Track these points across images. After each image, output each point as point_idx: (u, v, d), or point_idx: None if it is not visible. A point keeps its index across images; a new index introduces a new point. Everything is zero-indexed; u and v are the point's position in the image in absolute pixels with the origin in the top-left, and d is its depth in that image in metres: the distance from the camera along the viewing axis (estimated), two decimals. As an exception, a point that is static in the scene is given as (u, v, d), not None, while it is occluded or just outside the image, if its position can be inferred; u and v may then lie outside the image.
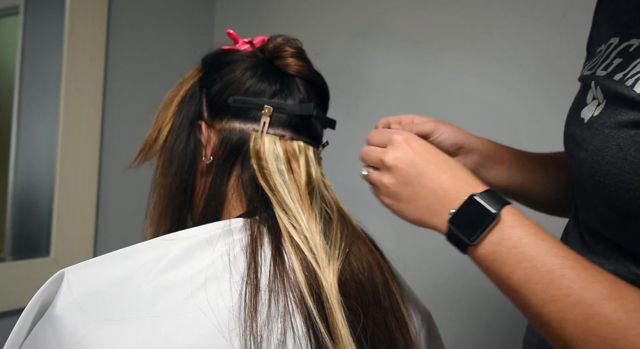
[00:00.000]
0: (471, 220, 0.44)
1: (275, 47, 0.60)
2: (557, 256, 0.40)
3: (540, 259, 0.40)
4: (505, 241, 0.43)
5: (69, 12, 1.08)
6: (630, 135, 0.43)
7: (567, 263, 0.39)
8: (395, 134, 0.52)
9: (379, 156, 0.52)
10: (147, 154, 0.63)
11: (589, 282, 0.38)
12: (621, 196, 0.44)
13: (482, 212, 0.44)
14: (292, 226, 0.51)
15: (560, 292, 0.38)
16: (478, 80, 1.08)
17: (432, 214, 0.47)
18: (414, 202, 0.48)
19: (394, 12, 1.20)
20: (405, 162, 0.49)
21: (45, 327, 0.41)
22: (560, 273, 0.39)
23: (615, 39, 0.51)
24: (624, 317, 0.35)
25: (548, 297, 0.38)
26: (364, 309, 0.50)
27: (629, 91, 0.44)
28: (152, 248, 0.47)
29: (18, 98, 1.05)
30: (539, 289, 0.39)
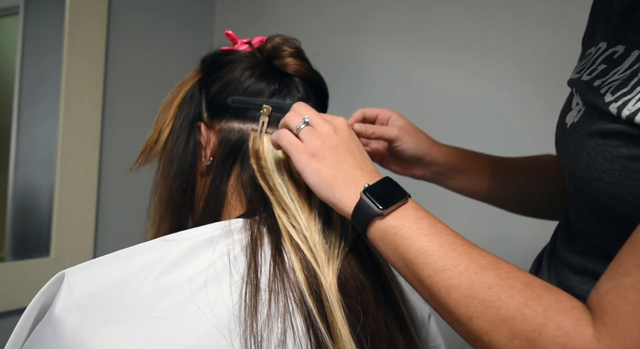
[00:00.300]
0: (384, 193, 0.47)
1: (274, 47, 0.60)
2: (449, 234, 0.45)
3: (436, 235, 0.44)
4: (408, 217, 0.46)
5: (69, 12, 1.08)
6: (598, 144, 0.44)
7: (457, 240, 0.44)
8: (340, 117, 0.54)
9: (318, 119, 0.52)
10: (147, 156, 0.63)
11: (473, 255, 0.42)
12: (593, 203, 0.46)
13: (396, 190, 0.48)
14: (292, 226, 0.51)
15: (451, 262, 0.42)
16: (477, 80, 1.08)
17: (345, 185, 0.49)
18: (334, 170, 0.49)
19: (393, 12, 1.20)
20: (343, 136, 0.52)
21: (46, 328, 0.41)
22: (451, 247, 0.43)
23: (604, 43, 0.52)
24: (499, 282, 0.39)
25: (439, 267, 0.42)
26: (363, 309, 0.50)
27: (598, 100, 0.45)
28: (153, 249, 0.47)
29: (18, 98, 1.05)
30: (432, 260, 0.43)
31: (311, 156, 0.50)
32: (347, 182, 0.49)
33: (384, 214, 0.46)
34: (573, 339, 0.35)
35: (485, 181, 0.74)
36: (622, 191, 0.42)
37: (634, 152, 0.41)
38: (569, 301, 0.37)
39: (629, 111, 0.41)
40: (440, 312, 0.43)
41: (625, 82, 0.44)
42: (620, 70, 0.46)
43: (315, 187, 0.49)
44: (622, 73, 0.45)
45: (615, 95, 0.44)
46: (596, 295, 0.36)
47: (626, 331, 0.33)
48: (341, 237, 0.53)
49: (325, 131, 0.51)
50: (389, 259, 0.47)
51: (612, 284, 0.35)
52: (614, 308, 0.34)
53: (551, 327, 0.35)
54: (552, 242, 0.63)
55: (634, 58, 0.45)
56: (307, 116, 0.52)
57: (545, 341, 0.35)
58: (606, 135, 0.44)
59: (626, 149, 0.42)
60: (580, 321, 0.35)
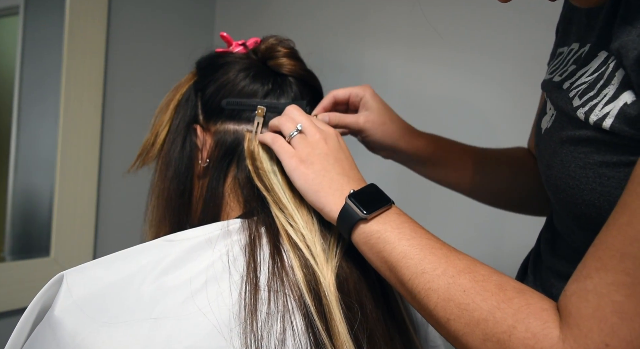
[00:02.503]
0: (369, 198, 0.49)
1: (268, 48, 0.61)
2: (429, 239, 0.46)
3: (416, 239, 0.46)
4: (390, 222, 0.47)
5: (69, 12, 1.08)
6: (570, 151, 0.44)
7: (437, 244, 0.45)
8: (332, 128, 0.56)
9: (312, 127, 0.54)
10: (145, 158, 0.63)
11: (451, 259, 0.43)
12: (571, 210, 0.46)
13: (380, 196, 0.50)
14: (289, 225, 0.51)
15: (429, 265, 0.43)
16: (476, 80, 1.08)
17: (331, 191, 0.50)
18: (321, 176, 0.51)
19: (391, 12, 1.20)
20: (332, 145, 0.54)
21: (45, 329, 0.41)
22: (430, 251, 0.44)
23: (576, 44, 0.51)
24: (474, 285, 0.40)
25: (419, 270, 0.43)
26: (361, 307, 0.50)
27: (567, 105, 0.45)
28: (152, 250, 0.47)
29: (18, 98, 1.05)
30: (412, 264, 0.44)
31: (300, 162, 0.52)
32: (333, 188, 0.50)
33: (367, 218, 0.47)
34: (540, 340, 0.35)
35: (463, 174, 0.74)
36: (598, 199, 0.42)
37: (605, 158, 0.41)
38: (539, 303, 0.38)
39: (596, 116, 0.40)
40: (422, 313, 0.44)
41: (591, 86, 0.43)
42: (588, 72, 0.45)
43: (303, 191, 0.51)
44: (589, 76, 0.44)
45: (583, 99, 0.43)
46: (563, 297, 0.37)
47: (588, 332, 0.34)
48: (339, 236, 0.53)
49: (316, 140, 0.53)
50: (373, 263, 0.48)
51: (575, 286, 0.36)
52: (576, 310, 0.35)
53: (520, 329, 0.36)
54: (537, 246, 0.63)
55: (601, 60, 0.44)
56: (301, 124, 0.54)
57: (515, 343, 0.36)
58: (577, 142, 0.43)
59: (597, 155, 0.41)
60: (547, 322, 0.36)
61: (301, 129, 0.54)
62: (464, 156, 0.74)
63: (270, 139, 0.55)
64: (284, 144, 0.53)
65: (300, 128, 0.54)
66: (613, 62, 0.41)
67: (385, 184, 0.54)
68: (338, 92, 0.65)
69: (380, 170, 1.08)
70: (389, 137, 0.67)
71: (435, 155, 0.71)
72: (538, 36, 1.01)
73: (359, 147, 0.70)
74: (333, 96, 0.65)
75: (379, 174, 1.07)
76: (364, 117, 0.65)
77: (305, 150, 0.52)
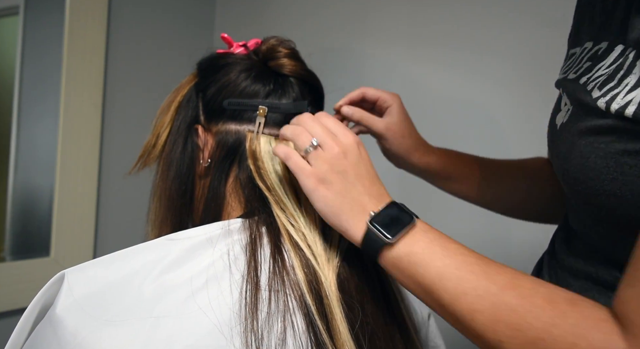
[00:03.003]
0: (391, 220, 0.46)
1: (269, 48, 0.61)
2: (463, 254, 0.43)
3: (450, 258, 0.43)
4: (420, 242, 0.45)
5: (69, 12, 1.08)
6: (589, 142, 0.44)
7: (472, 259, 0.42)
8: (351, 135, 0.51)
9: (328, 140, 0.49)
10: (146, 160, 0.63)
11: (491, 275, 0.41)
12: (590, 203, 0.45)
13: (402, 215, 0.47)
14: (290, 224, 0.51)
15: (469, 285, 0.40)
16: (476, 79, 1.08)
17: (352, 213, 0.47)
18: (341, 197, 0.48)
19: (392, 12, 1.20)
20: (352, 160, 0.49)
21: (46, 328, 0.41)
22: (467, 269, 0.41)
23: (590, 43, 0.51)
24: (521, 302, 0.38)
25: (459, 292, 0.41)
26: (362, 307, 0.50)
27: (586, 96, 0.45)
28: (153, 249, 0.47)
29: (18, 98, 1.05)
30: (450, 286, 0.41)
31: (319, 182, 0.48)
32: (354, 210, 0.47)
33: (393, 243, 0.45)
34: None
35: (475, 187, 0.74)
36: (620, 188, 0.41)
37: (627, 146, 0.40)
38: (595, 313, 0.36)
39: (617, 104, 0.40)
40: (469, 336, 0.42)
41: (611, 77, 0.43)
42: (605, 65, 0.45)
43: (323, 215, 0.49)
44: (607, 68, 0.44)
45: (603, 90, 0.43)
46: (619, 303, 0.36)
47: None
48: (341, 237, 0.53)
49: (334, 155, 0.49)
50: (406, 287, 0.46)
51: (632, 292, 0.35)
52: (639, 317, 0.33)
53: (583, 345, 0.35)
54: (551, 246, 0.62)
55: (617, 53, 0.44)
56: (317, 137, 0.50)
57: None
58: (597, 131, 0.43)
59: (619, 144, 0.41)
60: (611, 335, 0.34)
61: (317, 144, 0.49)
62: (477, 170, 0.74)
63: (284, 154, 0.51)
64: (299, 162, 0.50)
65: (316, 143, 0.49)
66: (632, 52, 0.42)
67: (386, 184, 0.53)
68: (368, 90, 0.67)
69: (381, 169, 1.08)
70: (404, 151, 0.68)
71: (446, 170, 0.72)
72: (539, 36, 1.01)
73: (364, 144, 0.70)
74: (362, 92, 0.67)
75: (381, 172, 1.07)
76: (385, 124, 0.66)
77: (323, 167, 0.48)
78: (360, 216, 0.47)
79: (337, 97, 0.70)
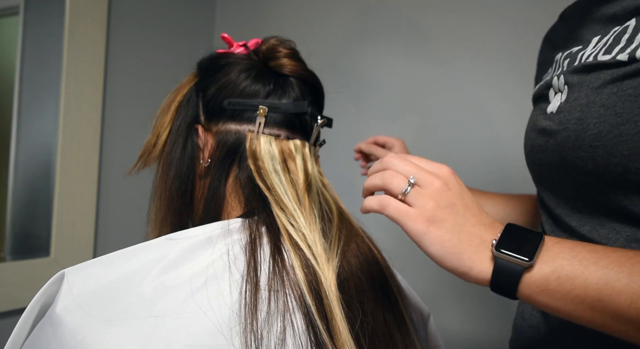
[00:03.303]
0: (518, 242, 0.41)
1: (269, 48, 0.61)
2: (613, 250, 0.38)
3: (604, 259, 0.37)
4: (562, 254, 0.39)
5: (69, 12, 1.09)
6: (613, 92, 0.44)
7: (623, 252, 0.38)
8: (444, 165, 0.47)
9: (427, 175, 0.45)
10: (146, 160, 0.64)
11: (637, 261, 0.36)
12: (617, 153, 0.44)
13: (527, 233, 0.42)
14: (290, 224, 0.51)
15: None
16: (476, 79, 1.08)
17: (473, 248, 0.42)
18: (456, 233, 0.43)
19: (393, 13, 1.20)
20: (456, 190, 0.45)
21: (46, 328, 0.41)
22: (631, 265, 0.36)
23: (559, 54, 0.55)
24: None
25: (635, 290, 0.35)
26: (362, 307, 0.50)
27: (595, 60, 0.47)
28: (153, 248, 0.47)
29: (18, 98, 1.05)
30: (622, 285, 0.35)
31: (428, 222, 0.43)
32: (474, 244, 0.42)
33: (532, 264, 0.39)
34: None
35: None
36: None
37: None
38: None
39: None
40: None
41: (615, 42, 0.45)
42: (602, 42, 0.48)
43: (440, 258, 0.43)
44: (605, 39, 0.47)
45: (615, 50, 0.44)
46: None
47: None
48: (341, 236, 0.53)
49: (437, 189, 0.44)
50: (563, 311, 0.39)
51: None
52: None
53: None
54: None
55: (610, 32, 0.47)
56: (412, 175, 0.45)
57: None
58: (622, 78, 0.43)
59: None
60: None
61: (414, 182, 0.45)
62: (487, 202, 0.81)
63: (378, 204, 0.46)
64: (399, 206, 0.44)
65: (414, 181, 0.45)
66: (633, 19, 0.45)
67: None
68: (379, 136, 0.89)
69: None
70: None
71: None
72: (538, 37, 1.01)
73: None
74: (374, 138, 0.89)
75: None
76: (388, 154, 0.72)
77: (429, 205, 0.43)
78: (482, 249, 0.42)
79: (337, 98, 0.70)
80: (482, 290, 1.05)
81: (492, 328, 1.05)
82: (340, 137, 1.18)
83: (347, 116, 1.20)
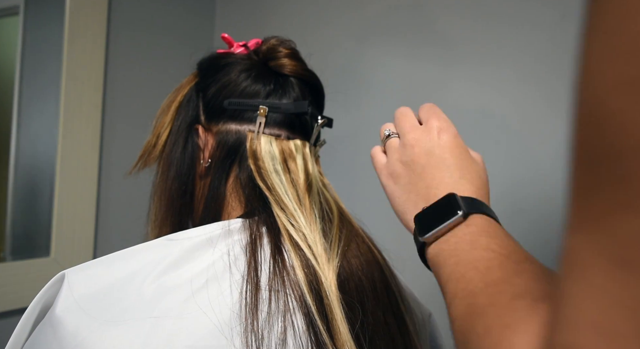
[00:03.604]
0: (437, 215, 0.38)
1: (270, 48, 0.61)
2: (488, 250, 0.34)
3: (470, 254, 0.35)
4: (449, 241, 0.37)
5: (69, 12, 1.08)
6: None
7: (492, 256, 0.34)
8: (435, 119, 0.44)
9: (406, 127, 0.44)
10: (146, 160, 0.64)
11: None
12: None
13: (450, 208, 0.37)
14: (291, 224, 0.51)
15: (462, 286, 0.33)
16: (477, 80, 1.08)
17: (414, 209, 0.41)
18: (407, 192, 0.42)
19: (393, 13, 1.20)
20: (421, 148, 0.42)
21: (46, 329, 0.41)
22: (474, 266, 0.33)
23: None
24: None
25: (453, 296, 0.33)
26: (362, 307, 0.50)
27: None
28: (153, 249, 0.47)
29: (18, 98, 1.05)
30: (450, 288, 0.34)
31: (389, 176, 0.43)
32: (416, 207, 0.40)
33: (426, 243, 0.39)
34: None
35: None
36: None
37: None
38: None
39: None
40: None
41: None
42: None
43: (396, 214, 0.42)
44: None
45: None
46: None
47: None
48: (341, 236, 0.53)
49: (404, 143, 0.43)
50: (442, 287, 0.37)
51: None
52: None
53: None
54: None
55: None
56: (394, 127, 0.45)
57: None
58: None
59: None
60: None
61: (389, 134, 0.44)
62: None
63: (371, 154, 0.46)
64: (377, 156, 0.45)
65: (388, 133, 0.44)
66: None
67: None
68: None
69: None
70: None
71: None
72: (538, 37, 1.01)
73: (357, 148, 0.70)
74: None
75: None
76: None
77: (392, 159, 0.43)
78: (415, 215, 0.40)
79: (338, 98, 0.70)
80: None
81: (493, 328, 1.05)
82: (341, 137, 1.18)
83: (347, 116, 1.20)
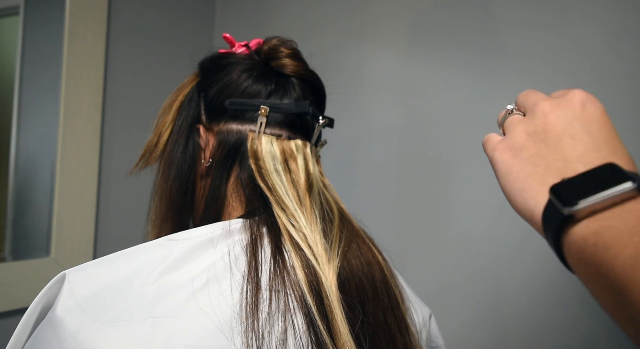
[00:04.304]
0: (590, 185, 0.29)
1: (271, 48, 0.61)
2: None
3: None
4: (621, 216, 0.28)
5: (69, 12, 1.08)
6: None
7: None
8: (578, 91, 0.36)
9: (537, 97, 0.37)
10: (147, 159, 0.64)
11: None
12: None
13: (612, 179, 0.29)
14: (291, 224, 0.51)
15: None
16: (475, 80, 1.08)
17: (544, 189, 0.32)
18: (531, 165, 0.34)
19: (394, 13, 1.20)
20: (558, 117, 0.35)
21: (47, 329, 0.41)
22: None
23: None
24: None
25: None
26: (363, 307, 0.50)
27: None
28: (153, 249, 0.47)
29: (18, 98, 1.05)
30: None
31: (506, 149, 0.36)
32: (549, 182, 0.32)
33: (575, 216, 0.29)
34: None
35: None
36: None
37: None
38: None
39: None
40: None
41: None
42: None
43: (506, 195, 0.35)
44: None
45: None
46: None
47: None
48: (342, 237, 0.53)
49: (533, 114, 0.36)
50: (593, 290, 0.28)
51: None
52: None
53: None
54: None
55: None
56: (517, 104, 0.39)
57: None
58: None
59: None
60: None
61: (512, 109, 0.38)
62: None
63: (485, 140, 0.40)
64: (490, 135, 0.39)
65: (511, 108, 0.38)
66: None
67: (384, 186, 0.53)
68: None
69: (379, 170, 1.08)
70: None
71: None
72: (538, 38, 1.01)
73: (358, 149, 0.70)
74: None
75: (377, 168, 1.07)
76: None
77: (514, 131, 0.36)
78: (546, 188, 0.32)
79: (339, 98, 0.70)
80: (484, 290, 1.05)
81: (493, 328, 1.05)
82: (342, 138, 1.19)
83: (348, 116, 1.20)
